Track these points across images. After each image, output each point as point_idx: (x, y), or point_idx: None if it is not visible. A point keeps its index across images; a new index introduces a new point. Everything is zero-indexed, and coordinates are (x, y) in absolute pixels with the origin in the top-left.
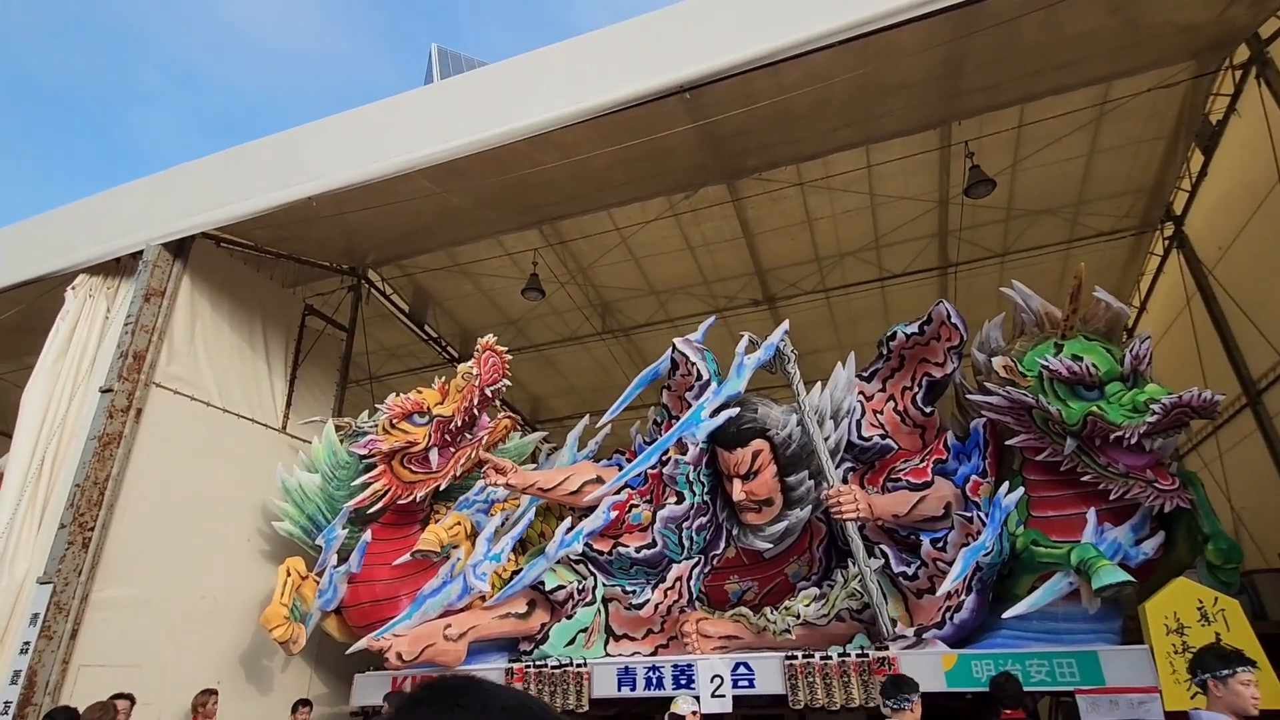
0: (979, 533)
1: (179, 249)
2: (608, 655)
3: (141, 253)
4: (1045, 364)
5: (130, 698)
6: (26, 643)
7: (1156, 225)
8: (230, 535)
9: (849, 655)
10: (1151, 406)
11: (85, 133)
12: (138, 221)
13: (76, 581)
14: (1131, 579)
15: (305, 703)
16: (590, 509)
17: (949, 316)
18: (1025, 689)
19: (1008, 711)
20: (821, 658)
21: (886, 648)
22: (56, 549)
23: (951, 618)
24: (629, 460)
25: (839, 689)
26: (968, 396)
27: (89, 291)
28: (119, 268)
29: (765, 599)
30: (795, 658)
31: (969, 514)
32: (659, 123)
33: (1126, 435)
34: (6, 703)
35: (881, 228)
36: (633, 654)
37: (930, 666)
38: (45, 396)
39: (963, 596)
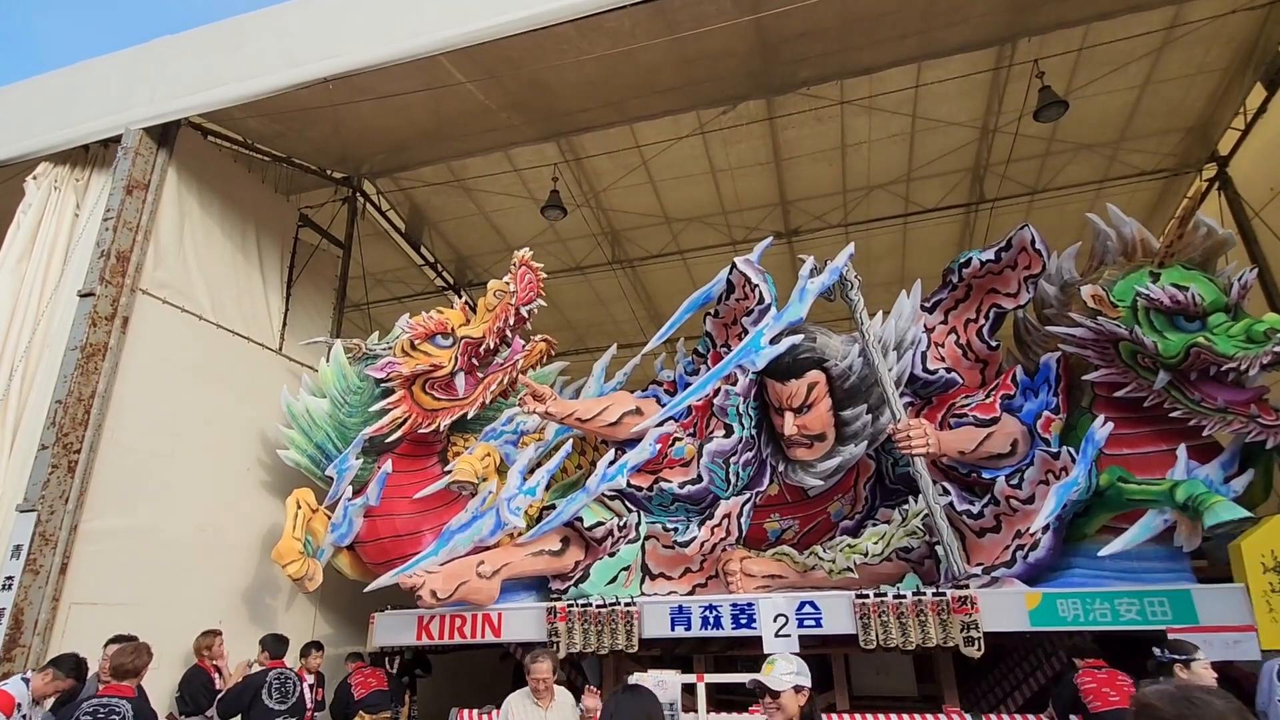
0: (1063, 469)
1: (163, 136)
2: (643, 594)
3: (118, 139)
4: (1146, 293)
5: (134, 640)
6: (9, 578)
7: (1196, 166)
8: (228, 463)
9: (925, 594)
10: (1275, 336)
11: None
12: (114, 103)
13: (63, 510)
14: (1251, 514)
15: (316, 645)
16: (629, 441)
17: (1033, 241)
18: (1112, 628)
19: (1088, 660)
20: (895, 596)
21: (967, 586)
22: (38, 473)
23: (1026, 556)
24: (667, 392)
25: (915, 628)
26: (1049, 328)
27: (54, 183)
28: (88, 157)
29: (805, 538)
30: (866, 596)
31: (1056, 450)
32: (722, 15)
33: (1242, 367)
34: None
35: (917, 159)
36: (669, 593)
37: (1013, 605)
38: (9, 301)
39: (1039, 534)
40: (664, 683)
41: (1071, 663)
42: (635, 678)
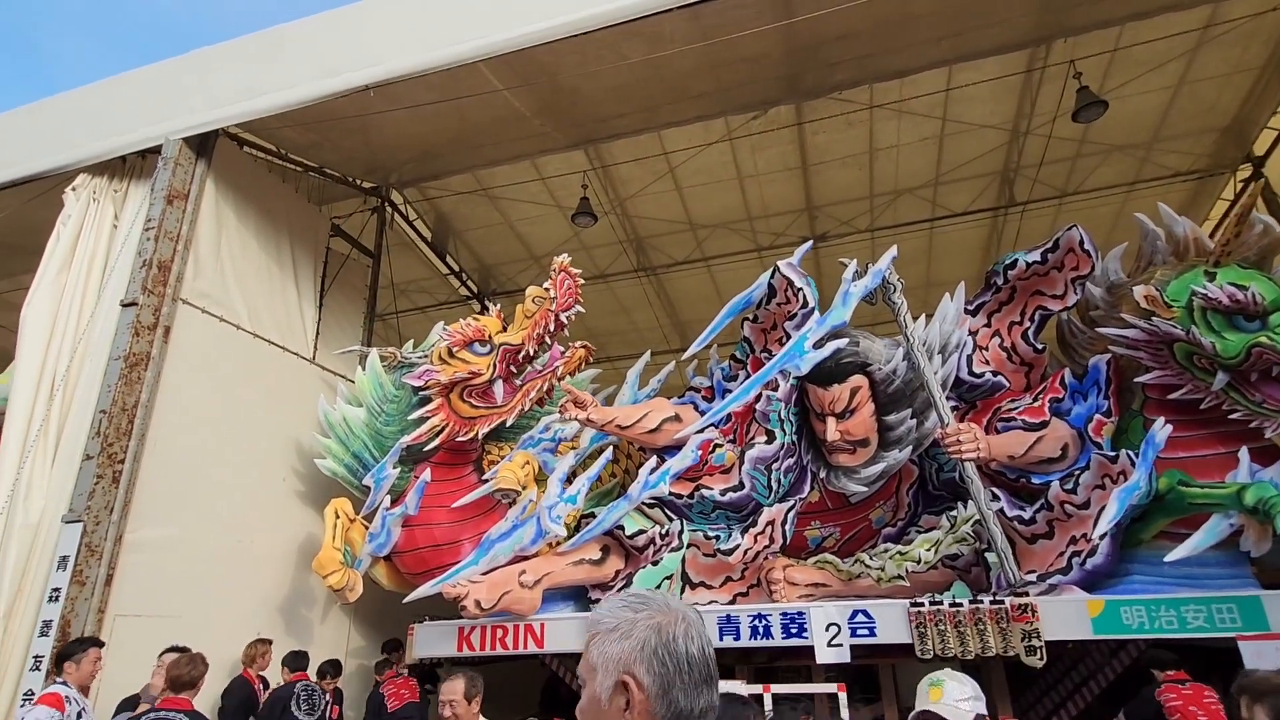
0: (1121, 474)
1: (202, 146)
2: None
3: (156, 150)
4: (1203, 292)
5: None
6: (56, 589)
7: (1232, 167)
8: (265, 473)
9: (982, 602)
10: None
11: (3, 61)
12: (152, 114)
13: (108, 520)
14: None
15: (334, 665)
16: (668, 448)
17: (1081, 242)
18: (1178, 635)
19: (1170, 673)
20: (951, 604)
21: (1026, 593)
22: (83, 483)
23: (1084, 563)
24: (705, 399)
25: (974, 637)
26: (1099, 329)
27: (92, 194)
28: (125, 168)
29: (846, 545)
30: (922, 605)
31: (1113, 453)
32: (759, 19)
33: None
34: (37, 657)
35: (946, 163)
36: (709, 603)
37: (1075, 613)
38: (50, 312)
39: (1095, 540)
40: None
41: (1151, 675)
42: None
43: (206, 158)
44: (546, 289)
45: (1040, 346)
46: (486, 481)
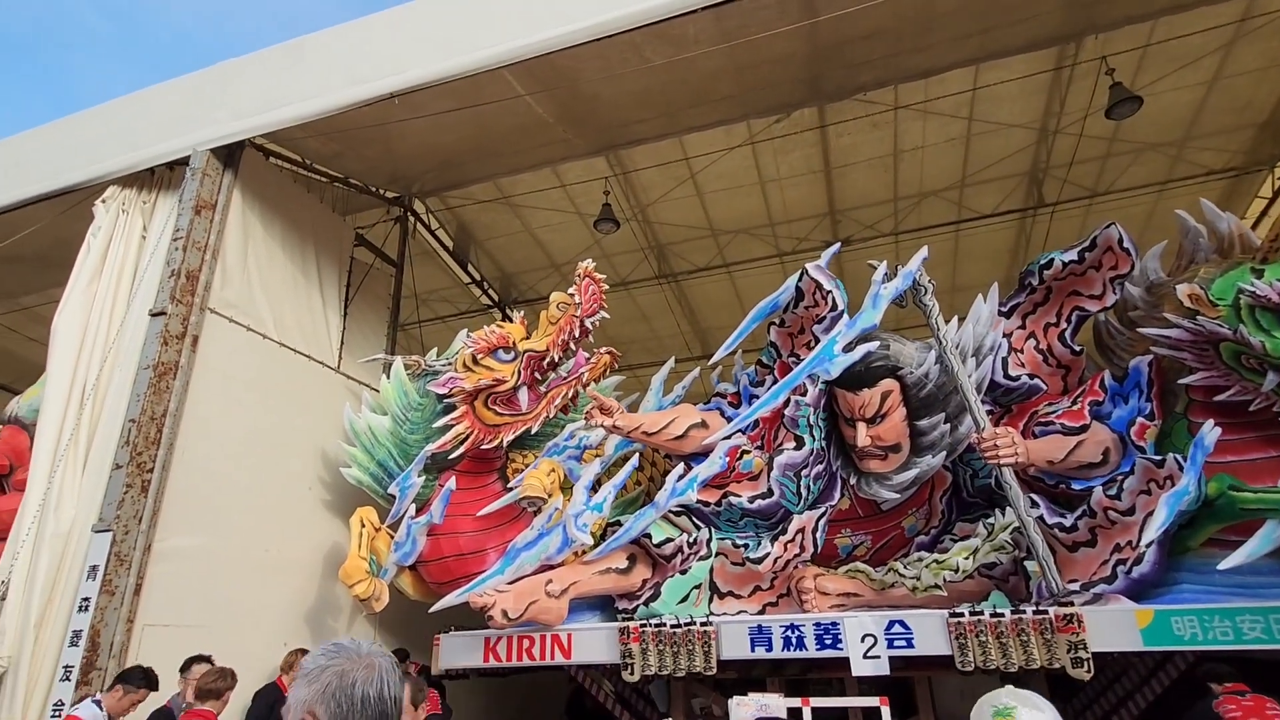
0: (1168, 479)
1: (229, 156)
2: (712, 614)
3: (185, 161)
4: (1251, 289)
5: (209, 659)
6: (86, 599)
7: (1270, 164)
8: (290, 481)
9: (1025, 612)
10: None
11: (28, 77)
12: (180, 126)
13: (137, 530)
14: None
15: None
16: (694, 455)
17: (1120, 241)
18: (1232, 647)
19: (1228, 685)
20: (993, 614)
21: (1071, 603)
22: (113, 492)
23: (1129, 571)
24: (731, 404)
25: (1016, 649)
26: (1141, 330)
27: (121, 206)
28: (154, 180)
29: (878, 554)
30: (962, 615)
31: (1160, 457)
32: (784, 18)
33: None
34: (67, 667)
35: (972, 164)
36: (738, 612)
37: (1123, 624)
38: (81, 322)
39: (1141, 548)
40: (767, 706)
41: (1208, 688)
42: (737, 701)
43: (233, 168)
44: (571, 295)
45: (1078, 348)
46: (511, 490)
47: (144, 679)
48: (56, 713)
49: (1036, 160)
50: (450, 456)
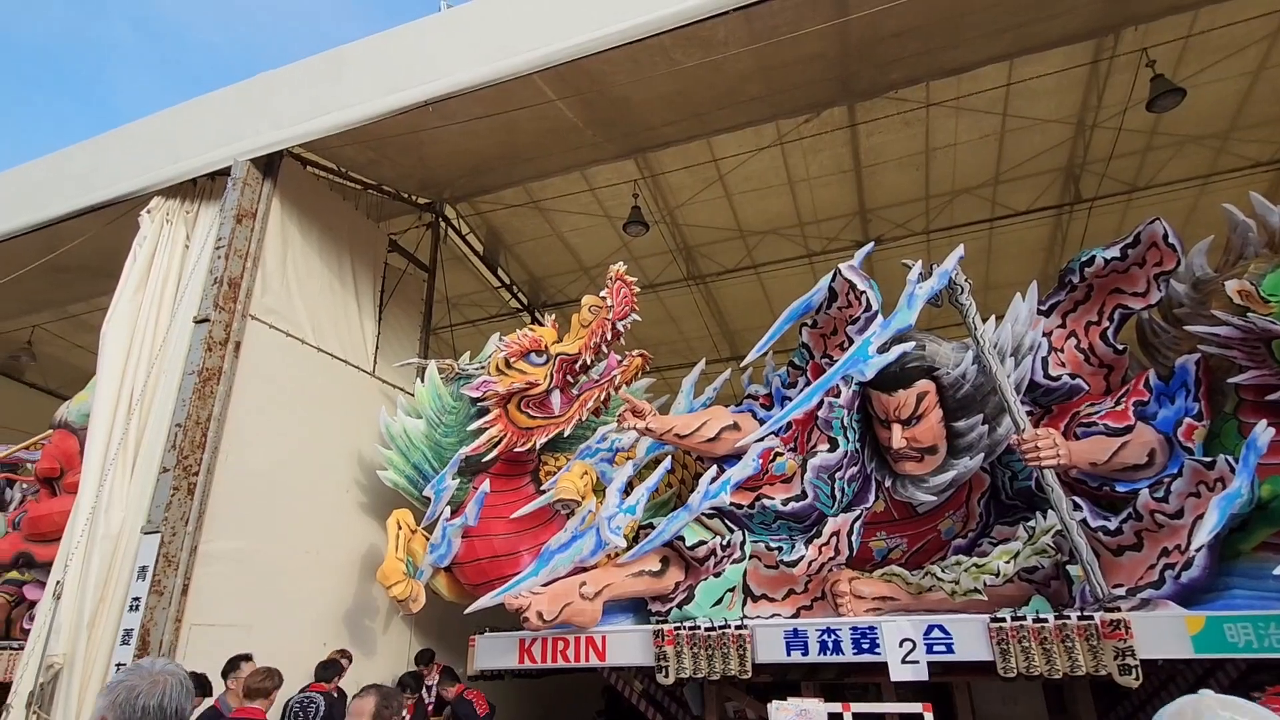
0: (1218, 481)
1: (268, 166)
2: (746, 617)
3: (226, 171)
4: None
5: (250, 657)
6: (136, 599)
7: None
8: (329, 484)
9: (1069, 617)
10: None
11: (69, 91)
12: (221, 137)
13: (184, 531)
14: None
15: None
16: (726, 458)
17: (1165, 236)
18: None
19: (1273, 687)
20: (1035, 620)
21: (1118, 608)
22: (160, 495)
23: (1178, 576)
24: (763, 406)
25: (1061, 655)
26: (1187, 328)
27: (166, 216)
28: (196, 190)
29: (914, 557)
30: (1003, 620)
31: (1210, 459)
32: (817, 17)
33: None
34: (119, 665)
35: (1006, 160)
36: (772, 615)
37: (1172, 630)
38: (128, 330)
39: (1191, 553)
40: (807, 711)
41: (1250, 696)
42: (776, 706)
43: (273, 178)
44: (603, 297)
45: (1121, 347)
46: (544, 492)
47: (200, 688)
48: None
49: (1073, 155)
50: (484, 459)
